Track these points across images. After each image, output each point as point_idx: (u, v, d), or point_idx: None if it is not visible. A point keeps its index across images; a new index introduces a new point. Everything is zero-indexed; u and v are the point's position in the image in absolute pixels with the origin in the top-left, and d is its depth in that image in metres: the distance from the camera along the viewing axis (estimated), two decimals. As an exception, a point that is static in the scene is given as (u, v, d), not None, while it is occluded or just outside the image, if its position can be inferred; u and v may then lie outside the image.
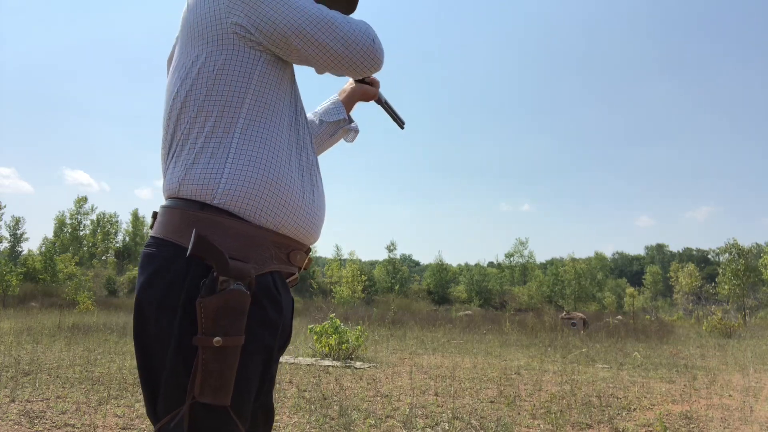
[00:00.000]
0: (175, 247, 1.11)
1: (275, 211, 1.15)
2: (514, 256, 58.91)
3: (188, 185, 1.13)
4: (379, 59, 1.26)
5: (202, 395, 1.01)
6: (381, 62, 1.28)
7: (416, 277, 65.07)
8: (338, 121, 1.58)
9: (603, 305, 47.45)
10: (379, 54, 1.25)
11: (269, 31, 1.16)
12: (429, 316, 21.48)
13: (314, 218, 1.24)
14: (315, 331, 8.12)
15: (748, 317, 29.65)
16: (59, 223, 51.44)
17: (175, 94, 1.20)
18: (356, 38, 1.20)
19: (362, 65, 1.24)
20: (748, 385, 6.53)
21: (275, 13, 1.15)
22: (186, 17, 1.24)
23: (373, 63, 1.25)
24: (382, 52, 1.26)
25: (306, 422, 4.08)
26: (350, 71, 1.25)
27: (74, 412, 4.16)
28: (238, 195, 1.12)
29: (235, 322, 1.03)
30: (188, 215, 1.12)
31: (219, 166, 1.13)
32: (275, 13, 1.15)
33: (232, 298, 1.02)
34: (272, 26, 1.15)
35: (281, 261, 1.17)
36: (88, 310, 19.09)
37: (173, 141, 1.20)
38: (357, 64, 1.23)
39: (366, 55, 1.22)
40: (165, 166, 1.23)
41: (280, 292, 1.16)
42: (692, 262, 59.19)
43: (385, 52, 1.33)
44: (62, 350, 7.81)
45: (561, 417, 4.49)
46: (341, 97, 1.62)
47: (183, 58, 1.22)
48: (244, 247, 1.10)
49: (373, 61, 1.24)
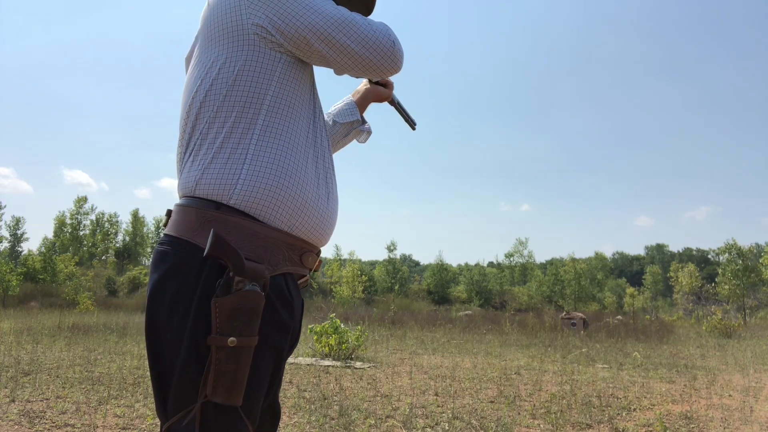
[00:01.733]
0: (189, 246, 1.11)
1: (290, 214, 1.15)
2: (514, 256, 58.95)
3: (205, 184, 1.13)
4: (399, 61, 1.26)
5: (215, 395, 1.01)
6: (400, 64, 1.28)
7: (416, 277, 65.09)
8: (352, 122, 1.58)
9: (603, 305, 47.44)
10: (399, 56, 1.25)
11: (290, 33, 1.16)
12: (429, 316, 21.48)
13: (328, 221, 1.25)
14: (315, 331, 8.12)
15: (748, 317, 29.65)
16: (59, 223, 51.43)
17: (194, 93, 1.20)
18: (377, 40, 1.20)
19: (382, 67, 1.24)
20: (748, 385, 6.53)
21: (296, 15, 1.15)
22: (207, 15, 1.24)
23: (392, 65, 1.25)
24: (402, 54, 1.26)
25: (306, 422, 4.08)
26: (370, 73, 1.25)
27: (74, 412, 4.16)
28: (254, 196, 1.12)
29: (250, 322, 1.03)
30: (204, 214, 1.12)
31: (237, 166, 1.13)
32: (296, 15, 1.15)
33: (247, 299, 1.03)
34: (293, 28, 1.16)
35: (294, 263, 1.18)
36: (88, 310, 19.11)
37: (191, 140, 1.20)
38: (377, 65, 1.23)
39: (386, 57, 1.22)
40: (181, 165, 1.23)
41: (292, 294, 1.17)
42: (692, 262, 59.21)
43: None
44: (62, 350, 7.81)
45: (561, 417, 4.49)
46: (355, 98, 1.62)
47: (203, 57, 1.22)
48: (258, 248, 1.11)
49: (392, 63, 1.24)
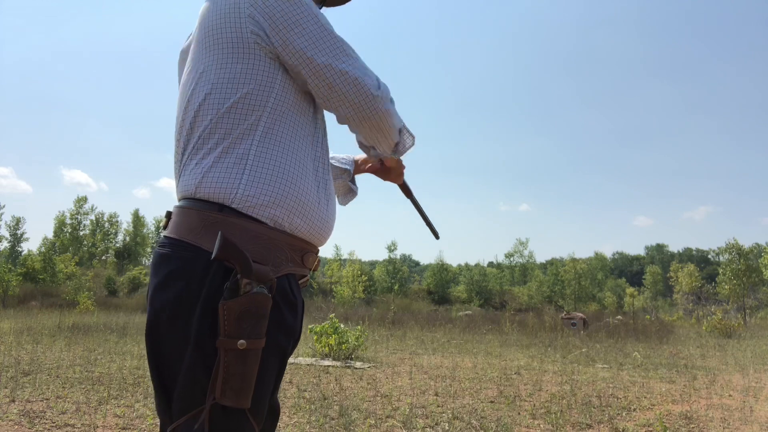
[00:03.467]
0: (192, 248, 1.11)
1: (291, 215, 1.15)
2: (514, 256, 58.85)
3: (206, 187, 1.13)
4: (380, 115, 1.22)
5: (224, 398, 1.01)
6: (382, 114, 1.23)
7: (416, 277, 65.03)
8: (343, 170, 1.58)
9: (603, 305, 47.39)
10: (381, 110, 1.22)
11: (285, 56, 1.17)
12: (429, 316, 21.46)
13: (328, 223, 1.25)
14: (315, 331, 8.12)
15: (748, 317, 29.61)
16: (59, 223, 51.38)
17: (191, 98, 1.19)
18: (363, 85, 1.19)
19: (381, 145, 1.28)
20: (748, 385, 6.53)
21: (292, 43, 1.15)
22: (205, 16, 1.22)
23: (375, 118, 1.23)
24: (384, 111, 1.23)
25: (306, 422, 4.08)
26: (351, 120, 1.23)
27: (74, 412, 4.16)
28: (256, 198, 1.12)
29: (257, 325, 1.03)
30: (206, 216, 1.12)
31: (238, 169, 1.13)
32: (292, 43, 1.15)
33: (255, 301, 1.03)
34: (289, 53, 1.16)
35: (296, 263, 1.18)
36: (88, 310, 19.09)
37: (189, 142, 1.19)
38: (361, 110, 1.21)
39: (386, 139, 1.27)
40: (179, 167, 1.22)
41: (295, 294, 1.17)
42: (692, 262, 59.17)
43: (410, 134, 1.34)
44: (62, 350, 7.80)
45: (561, 417, 4.49)
46: (356, 156, 1.62)
47: (202, 60, 1.20)
48: (261, 250, 1.11)
49: (373, 116, 1.22)
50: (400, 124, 1.30)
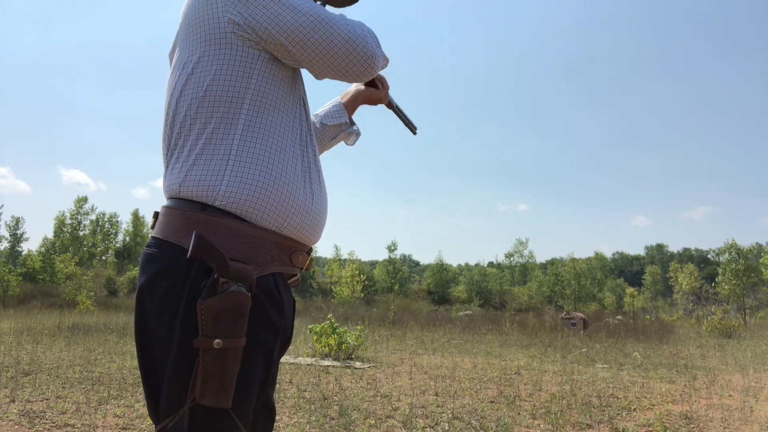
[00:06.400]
0: (176, 248, 1.10)
1: (277, 213, 1.14)
2: (514, 256, 58.82)
3: (189, 186, 1.13)
4: (372, 65, 1.21)
5: (203, 398, 1.00)
6: (375, 68, 1.23)
7: (416, 277, 65.01)
8: (339, 125, 1.56)
9: (603, 305, 47.39)
10: (372, 59, 1.20)
11: (263, 33, 1.15)
12: (429, 316, 21.45)
13: (317, 219, 1.23)
14: (315, 332, 8.11)
15: (748, 317, 29.61)
16: (59, 223, 51.36)
17: (173, 92, 1.20)
18: (349, 42, 1.17)
19: (354, 70, 1.20)
20: (748, 385, 6.53)
21: (268, 14, 1.14)
22: (185, 13, 1.23)
23: (365, 69, 1.21)
24: (375, 58, 1.21)
25: (306, 422, 4.08)
26: (343, 76, 1.22)
27: (74, 412, 4.16)
28: (239, 196, 1.11)
29: (236, 324, 1.02)
30: (189, 216, 1.11)
31: (220, 166, 1.12)
32: (268, 14, 1.14)
33: (232, 300, 1.02)
34: (265, 28, 1.14)
35: (283, 262, 1.17)
36: (88, 310, 19.08)
37: (173, 140, 1.19)
38: (348, 69, 1.20)
39: (358, 60, 1.19)
40: (165, 163, 1.22)
41: (281, 293, 1.16)
42: (692, 262, 59.18)
43: (384, 56, 1.26)
44: (62, 350, 7.80)
45: (561, 417, 4.49)
46: (344, 99, 1.59)
47: (182, 56, 1.21)
48: (245, 249, 1.10)
49: (365, 67, 1.20)
50: (372, 56, 1.23)
